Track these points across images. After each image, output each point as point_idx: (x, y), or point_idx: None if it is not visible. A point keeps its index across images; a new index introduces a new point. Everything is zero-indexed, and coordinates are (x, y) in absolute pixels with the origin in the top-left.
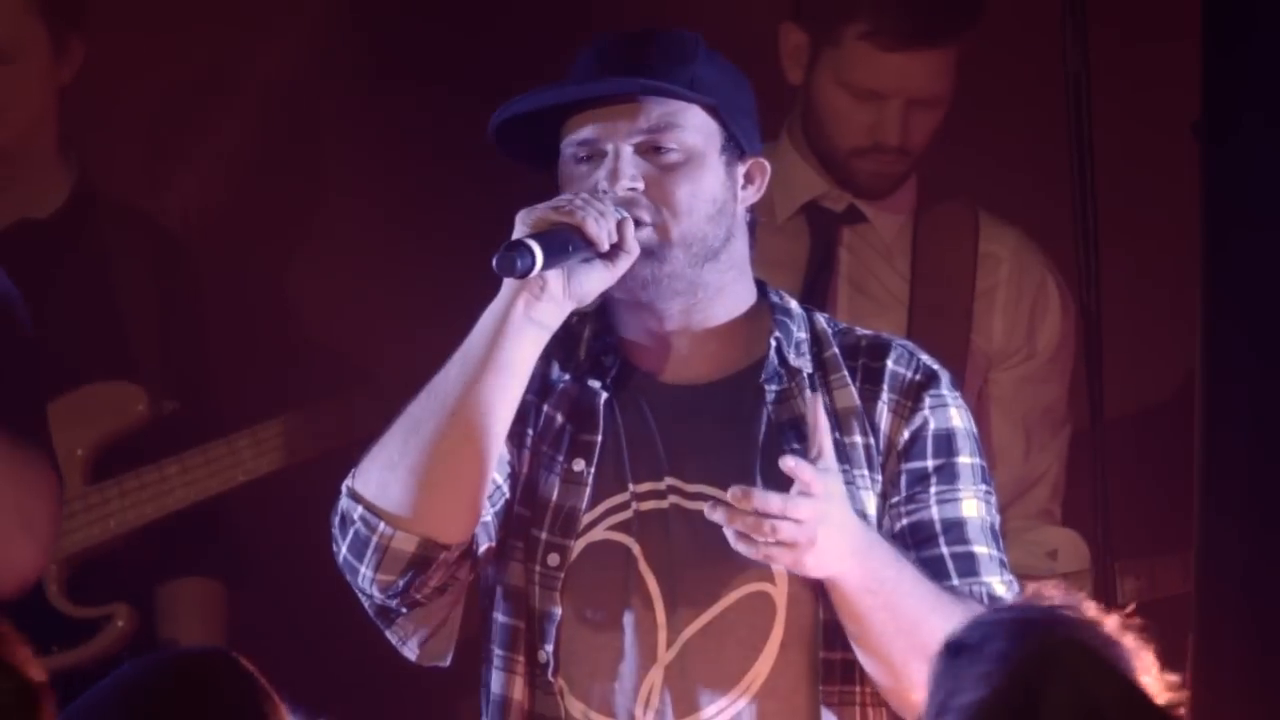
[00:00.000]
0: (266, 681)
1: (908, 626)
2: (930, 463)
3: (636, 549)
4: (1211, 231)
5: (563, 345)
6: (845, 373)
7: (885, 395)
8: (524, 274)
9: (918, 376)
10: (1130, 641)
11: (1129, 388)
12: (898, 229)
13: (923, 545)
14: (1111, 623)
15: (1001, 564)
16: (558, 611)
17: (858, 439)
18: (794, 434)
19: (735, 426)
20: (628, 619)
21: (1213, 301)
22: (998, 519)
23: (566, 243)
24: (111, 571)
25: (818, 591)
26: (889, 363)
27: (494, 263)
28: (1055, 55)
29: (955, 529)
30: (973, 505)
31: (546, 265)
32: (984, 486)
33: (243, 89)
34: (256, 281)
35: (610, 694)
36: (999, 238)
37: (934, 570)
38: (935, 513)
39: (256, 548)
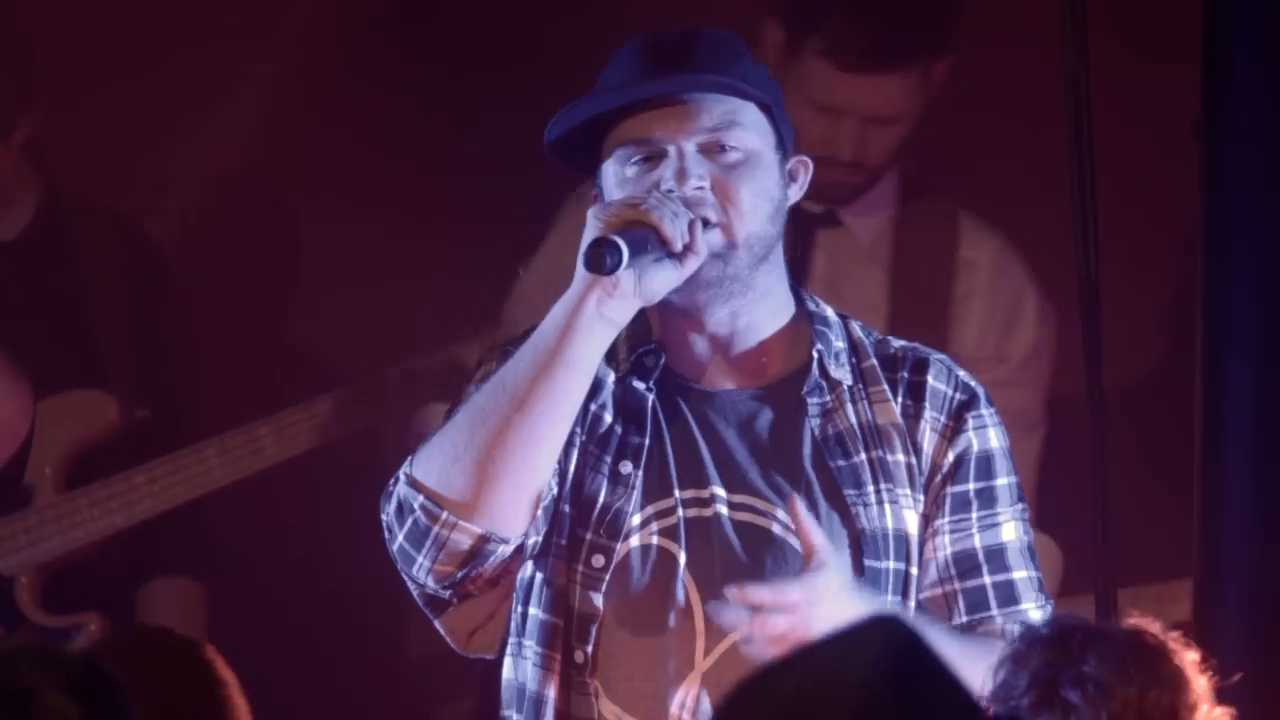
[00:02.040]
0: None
1: None
2: (972, 486)
3: (681, 556)
4: (1212, 231)
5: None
6: (886, 386)
7: (928, 414)
8: (612, 270)
9: (960, 395)
10: (1188, 665)
11: (1129, 385)
12: (876, 233)
13: (966, 575)
14: (1178, 646)
15: (1039, 584)
16: (599, 612)
17: (900, 457)
18: (838, 449)
19: (779, 438)
20: (667, 625)
21: (1213, 301)
22: (1032, 535)
23: (644, 241)
24: (83, 579)
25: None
26: (929, 379)
27: (582, 259)
28: (1055, 55)
29: (997, 557)
30: (1011, 529)
31: (629, 262)
32: (1020, 505)
33: (225, 94)
34: (228, 289)
35: (645, 699)
36: (980, 244)
37: (976, 600)
38: (978, 541)
39: (232, 551)
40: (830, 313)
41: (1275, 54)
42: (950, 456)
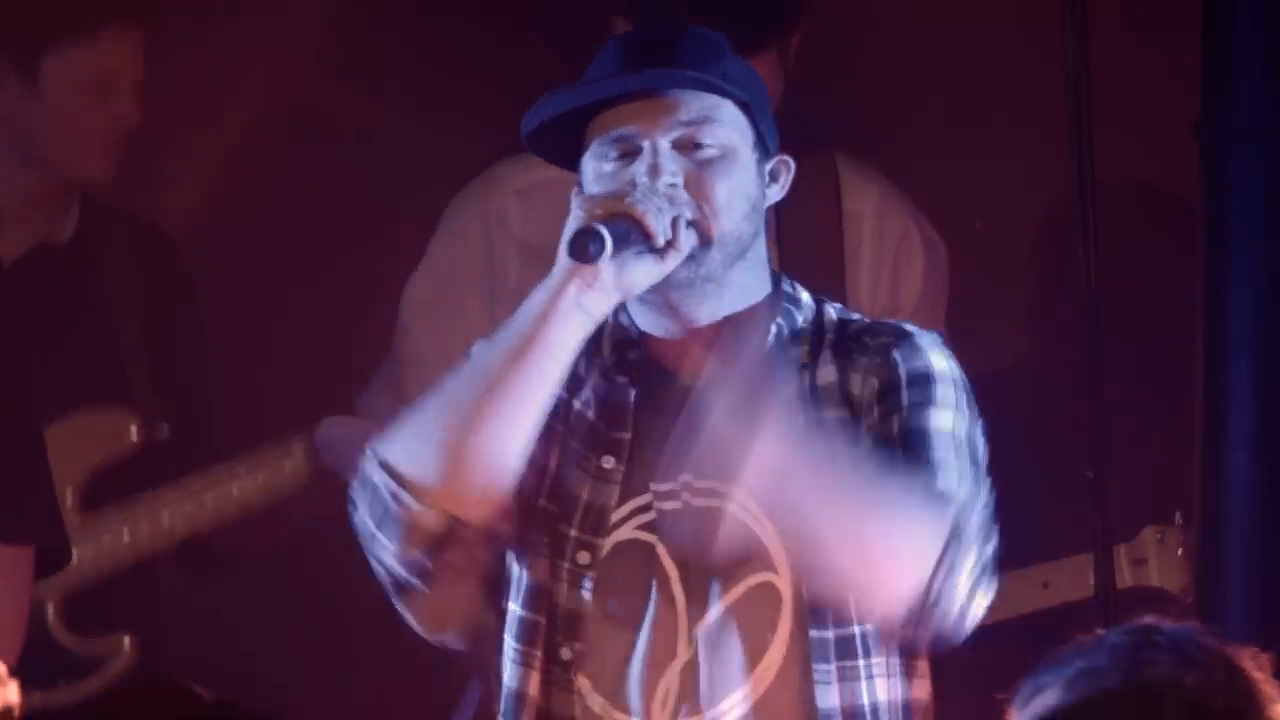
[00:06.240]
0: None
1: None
2: (905, 396)
3: (660, 547)
4: (1212, 231)
5: (588, 338)
6: (830, 351)
7: (859, 361)
8: (595, 258)
9: (887, 337)
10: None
11: (1129, 383)
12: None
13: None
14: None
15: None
16: (588, 609)
17: (831, 413)
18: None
19: (738, 421)
20: (650, 616)
21: (1213, 301)
22: (983, 448)
23: (627, 233)
24: (112, 600)
25: None
26: (867, 338)
27: (566, 246)
28: (1055, 55)
29: (918, 440)
30: (947, 418)
31: (613, 253)
32: (970, 412)
33: (237, 102)
34: (253, 300)
35: (630, 690)
36: (862, 193)
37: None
38: (896, 425)
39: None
40: (805, 295)
41: (1275, 54)
42: (876, 384)
